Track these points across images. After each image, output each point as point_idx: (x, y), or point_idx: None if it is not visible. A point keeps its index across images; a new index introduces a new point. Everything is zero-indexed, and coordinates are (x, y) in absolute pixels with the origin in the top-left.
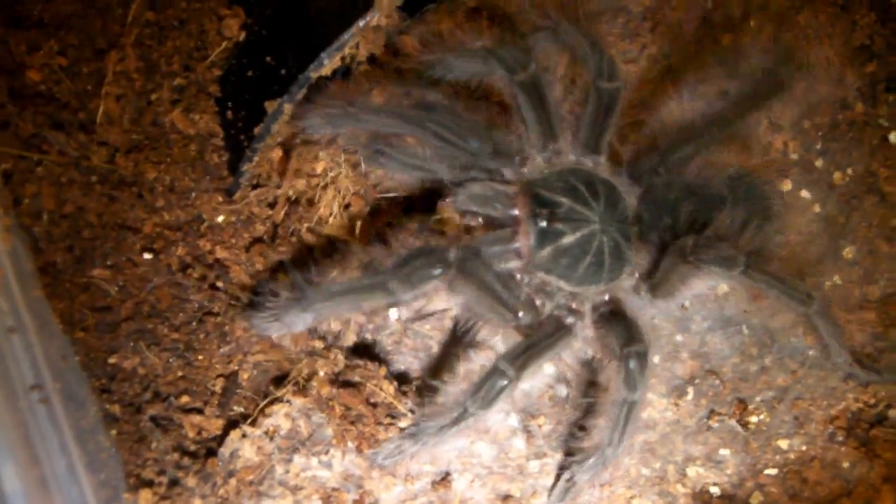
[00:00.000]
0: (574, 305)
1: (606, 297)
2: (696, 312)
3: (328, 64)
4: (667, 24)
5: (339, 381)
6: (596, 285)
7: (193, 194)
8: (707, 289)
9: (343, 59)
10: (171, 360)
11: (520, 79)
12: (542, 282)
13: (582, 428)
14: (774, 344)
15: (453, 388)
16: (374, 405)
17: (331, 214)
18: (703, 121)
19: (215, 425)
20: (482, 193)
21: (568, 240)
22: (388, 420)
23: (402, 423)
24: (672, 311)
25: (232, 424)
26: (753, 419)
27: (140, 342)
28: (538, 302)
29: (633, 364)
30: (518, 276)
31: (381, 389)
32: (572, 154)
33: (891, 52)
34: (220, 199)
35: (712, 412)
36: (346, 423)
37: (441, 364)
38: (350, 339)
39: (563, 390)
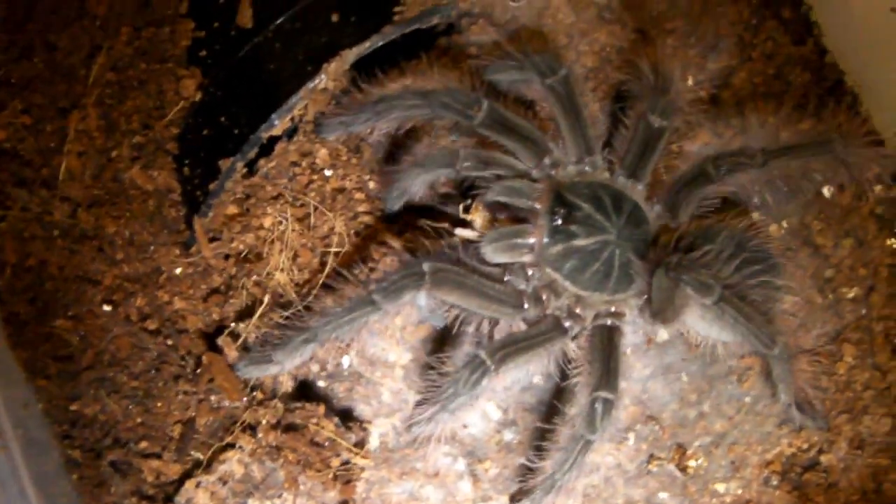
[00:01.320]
0: (578, 310)
1: (612, 309)
2: (637, 360)
3: (279, 124)
4: (609, 84)
5: (282, 426)
6: (601, 293)
7: (152, 247)
8: (644, 337)
9: (292, 119)
10: (130, 406)
11: (550, 82)
12: (551, 279)
13: (530, 470)
14: (712, 390)
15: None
16: (319, 444)
17: (279, 268)
18: None
19: (173, 469)
20: (513, 186)
21: (580, 242)
22: (335, 458)
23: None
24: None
25: (188, 472)
26: (692, 463)
27: (100, 390)
28: (544, 297)
29: (598, 408)
30: (529, 272)
31: (322, 428)
32: (608, 172)
33: (823, 109)
34: (178, 252)
35: (652, 457)
36: (295, 466)
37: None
38: (288, 387)
39: (509, 435)
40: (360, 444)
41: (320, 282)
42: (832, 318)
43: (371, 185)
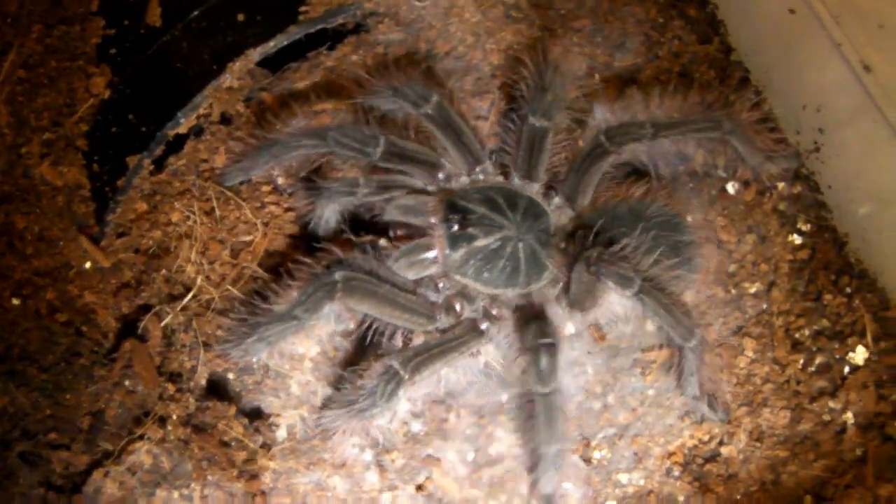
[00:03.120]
0: (495, 311)
1: (529, 301)
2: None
3: (184, 122)
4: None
5: (192, 424)
6: (513, 288)
7: (62, 243)
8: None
9: (198, 117)
10: (39, 399)
11: (424, 111)
12: (462, 285)
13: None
14: (616, 383)
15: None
16: (226, 444)
17: (189, 262)
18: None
19: (82, 461)
20: (406, 204)
21: (480, 243)
22: (242, 455)
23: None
24: None
25: (97, 461)
26: (596, 454)
27: (10, 383)
28: (457, 305)
29: (543, 357)
30: (439, 283)
31: (231, 428)
32: (502, 176)
33: (727, 107)
34: (88, 246)
35: None
36: (202, 461)
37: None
38: (203, 379)
39: (416, 426)
40: (267, 446)
41: (231, 275)
42: (734, 312)
43: (280, 180)
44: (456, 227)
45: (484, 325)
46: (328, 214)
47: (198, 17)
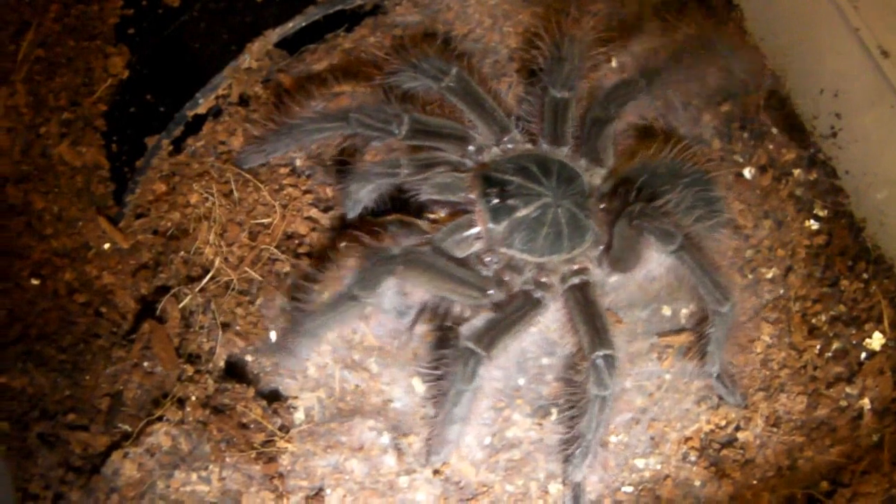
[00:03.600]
0: (543, 279)
1: (575, 267)
2: (561, 337)
3: (203, 103)
4: (533, 64)
5: (210, 406)
6: (559, 254)
7: (80, 223)
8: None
9: (217, 98)
10: (58, 379)
11: (445, 84)
12: (508, 257)
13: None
14: (633, 367)
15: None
16: (245, 426)
17: (207, 244)
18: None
19: (101, 442)
20: (442, 182)
21: (522, 213)
22: (260, 437)
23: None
24: (545, 336)
25: (116, 443)
26: (612, 439)
27: (28, 363)
28: (507, 278)
29: (602, 365)
30: (486, 258)
31: (249, 410)
32: (530, 143)
33: (744, 93)
34: (106, 227)
35: None
36: (220, 443)
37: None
38: (221, 361)
39: (433, 410)
40: (286, 428)
41: (249, 257)
42: (751, 297)
43: (298, 162)
44: (496, 201)
45: (538, 295)
46: (364, 196)
47: None
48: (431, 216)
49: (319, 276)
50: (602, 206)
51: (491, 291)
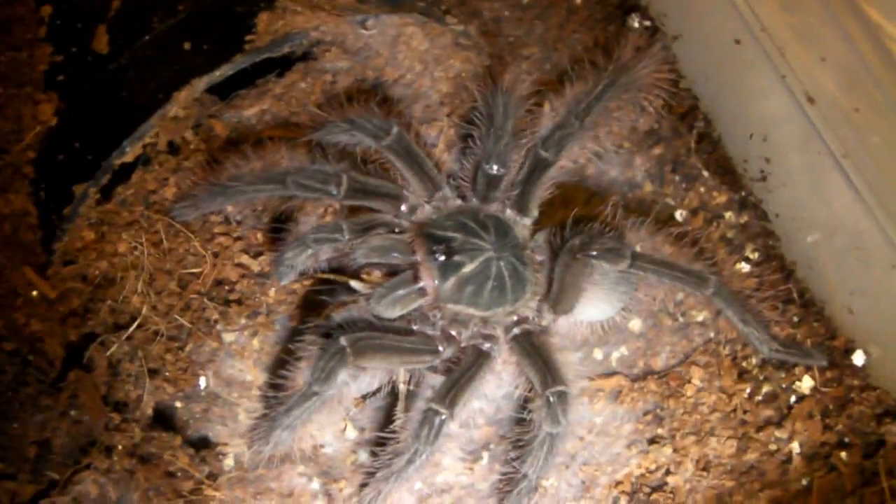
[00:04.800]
0: (487, 331)
1: (515, 318)
2: (491, 381)
3: (130, 152)
4: (464, 108)
5: (137, 454)
6: (503, 307)
7: (8, 270)
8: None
9: (144, 147)
10: None
11: (386, 143)
12: (454, 313)
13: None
14: None
15: (403, 435)
16: (172, 475)
17: (135, 293)
18: None
19: (28, 490)
20: (380, 244)
21: (468, 268)
22: (188, 485)
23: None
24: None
25: (43, 491)
26: (543, 483)
27: None
28: (454, 332)
29: (554, 402)
30: (430, 315)
31: (176, 459)
32: (459, 199)
33: (676, 135)
34: (33, 277)
35: (505, 476)
36: (148, 492)
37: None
38: (149, 409)
39: (364, 455)
40: (214, 476)
41: (179, 306)
42: (681, 340)
43: (230, 208)
44: (442, 258)
45: (486, 346)
46: (299, 264)
47: (144, 45)
48: (364, 277)
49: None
50: (537, 257)
51: (441, 349)
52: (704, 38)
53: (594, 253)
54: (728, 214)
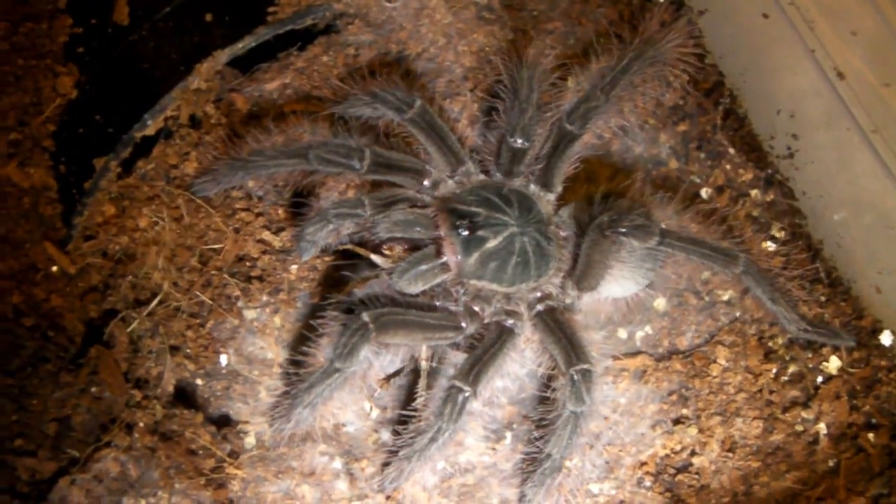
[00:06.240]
0: (510, 307)
1: (539, 294)
2: (514, 360)
3: (151, 125)
4: (488, 83)
5: (159, 432)
6: (526, 283)
7: (28, 245)
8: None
9: (166, 120)
10: (5, 404)
11: (409, 116)
12: (477, 288)
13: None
14: None
15: (425, 413)
16: (194, 452)
17: (155, 268)
18: None
19: (48, 468)
20: (403, 219)
21: (492, 244)
22: (210, 463)
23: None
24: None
25: (63, 469)
26: (567, 463)
27: None
28: (477, 308)
29: (579, 380)
30: (453, 290)
31: (198, 436)
32: (483, 174)
33: (701, 112)
34: (55, 250)
35: (528, 456)
36: (169, 470)
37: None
38: (170, 386)
39: (386, 434)
40: (235, 454)
41: (200, 282)
42: (707, 320)
43: (251, 183)
44: (466, 233)
45: (510, 323)
46: (321, 239)
47: (165, 16)
48: (386, 252)
49: (304, 359)
50: (561, 232)
51: (464, 325)
52: (731, 12)
53: (623, 230)
54: (754, 192)
